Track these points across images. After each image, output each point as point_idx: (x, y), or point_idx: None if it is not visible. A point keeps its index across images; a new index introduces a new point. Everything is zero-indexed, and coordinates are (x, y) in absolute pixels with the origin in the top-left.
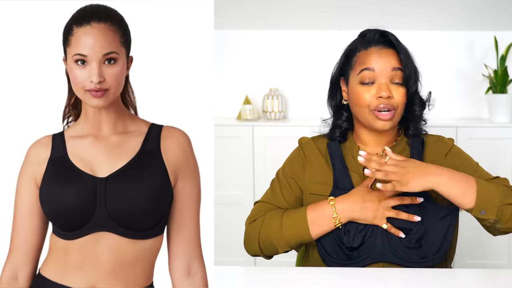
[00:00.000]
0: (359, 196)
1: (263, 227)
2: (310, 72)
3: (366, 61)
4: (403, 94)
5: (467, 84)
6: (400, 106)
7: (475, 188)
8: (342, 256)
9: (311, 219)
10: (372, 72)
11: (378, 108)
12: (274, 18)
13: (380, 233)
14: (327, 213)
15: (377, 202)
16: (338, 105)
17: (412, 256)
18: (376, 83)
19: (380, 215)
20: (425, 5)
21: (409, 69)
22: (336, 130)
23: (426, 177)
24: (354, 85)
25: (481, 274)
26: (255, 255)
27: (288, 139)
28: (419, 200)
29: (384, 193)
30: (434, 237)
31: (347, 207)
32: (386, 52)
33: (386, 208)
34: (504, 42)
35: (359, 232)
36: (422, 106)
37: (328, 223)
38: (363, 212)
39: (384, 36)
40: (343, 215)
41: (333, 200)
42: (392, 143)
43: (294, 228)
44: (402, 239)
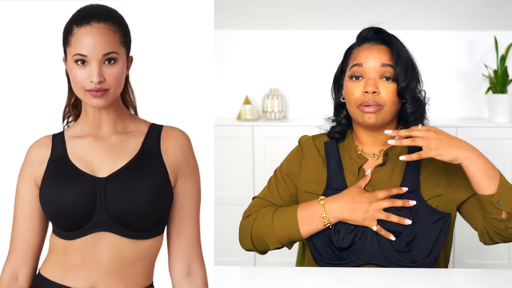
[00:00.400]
0: (350, 197)
1: (255, 223)
2: (310, 72)
3: (357, 57)
4: (392, 91)
5: (467, 84)
6: (388, 103)
7: (499, 177)
8: (332, 256)
9: (301, 217)
10: (361, 67)
11: (364, 103)
12: (274, 18)
13: (370, 234)
14: (317, 213)
15: (368, 203)
16: (338, 103)
17: (401, 259)
18: (364, 78)
19: (370, 217)
20: (425, 5)
21: (400, 66)
22: (335, 128)
23: (458, 149)
24: (346, 81)
25: (481, 274)
26: (248, 249)
27: (288, 139)
28: (412, 203)
29: (376, 194)
30: (425, 242)
31: (336, 207)
32: (377, 48)
33: (377, 210)
34: (504, 42)
35: (349, 233)
36: (414, 103)
37: (317, 222)
38: (353, 213)
39: (378, 33)
40: (332, 215)
41: (323, 200)
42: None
43: (285, 226)
44: (392, 242)
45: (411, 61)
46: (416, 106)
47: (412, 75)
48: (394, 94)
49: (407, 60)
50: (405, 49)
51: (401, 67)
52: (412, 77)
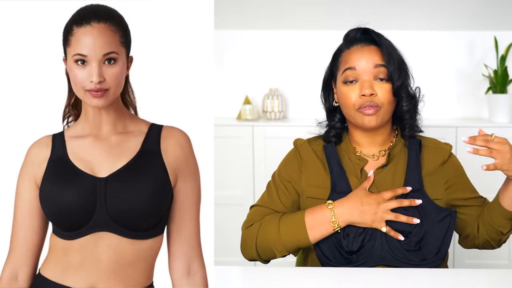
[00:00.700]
0: (357, 200)
1: (260, 232)
2: (310, 72)
3: (348, 60)
4: (388, 91)
5: (467, 84)
6: (386, 103)
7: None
8: (341, 259)
9: (309, 223)
10: (354, 71)
11: (362, 106)
12: (274, 18)
13: (379, 236)
14: (326, 217)
15: (376, 205)
16: (330, 107)
17: (411, 258)
18: (359, 81)
19: (379, 218)
20: (425, 5)
21: (393, 64)
22: (330, 132)
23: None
24: (340, 86)
25: (481, 274)
26: (252, 259)
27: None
28: (418, 202)
29: (382, 195)
30: (434, 240)
31: (345, 210)
32: (368, 49)
33: (385, 211)
34: (504, 42)
35: (358, 236)
36: (409, 101)
37: (327, 227)
38: (362, 215)
39: (366, 34)
40: (341, 219)
41: (331, 204)
42: (387, 143)
43: (292, 233)
44: (402, 242)
45: (401, 59)
46: (412, 104)
47: (405, 73)
48: (390, 94)
49: (399, 58)
50: (395, 47)
51: (393, 66)
52: (405, 75)
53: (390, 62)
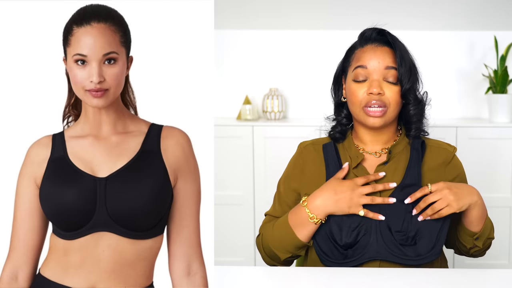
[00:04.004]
0: (331, 190)
1: (263, 240)
2: (310, 72)
3: (360, 59)
4: (396, 92)
5: (467, 84)
6: (393, 103)
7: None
8: (338, 255)
9: (292, 223)
10: (365, 69)
11: (369, 105)
12: (274, 18)
13: (374, 231)
14: (303, 216)
15: (350, 191)
16: (339, 102)
17: (407, 253)
18: (368, 80)
19: (355, 203)
20: (425, 5)
21: (404, 67)
22: (336, 128)
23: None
24: (349, 82)
25: (481, 274)
26: (271, 264)
27: (288, 139)
28: (391, 200)
29: (355, 181)
30: (429, 234)
31: (320, 203)
32: (381, 50)
33: (360, 195)
34: (504, 42)
35: (352, 230)
36: (417, 105)
37: (308, 223)
38: (337, 204)
39: (381, 34)
40: (318, 212)
41: (305, 201)
42: (390, 142)
43: (283, 235)
44: (397, 237)
45: (413, 63)
46: (419, 108)
47: (415, 77)
48: (398, 96)
49: (410, 62)
50: (407, 51)
51: (404, 69)
52: (415, 79)
53: (402, 65)
